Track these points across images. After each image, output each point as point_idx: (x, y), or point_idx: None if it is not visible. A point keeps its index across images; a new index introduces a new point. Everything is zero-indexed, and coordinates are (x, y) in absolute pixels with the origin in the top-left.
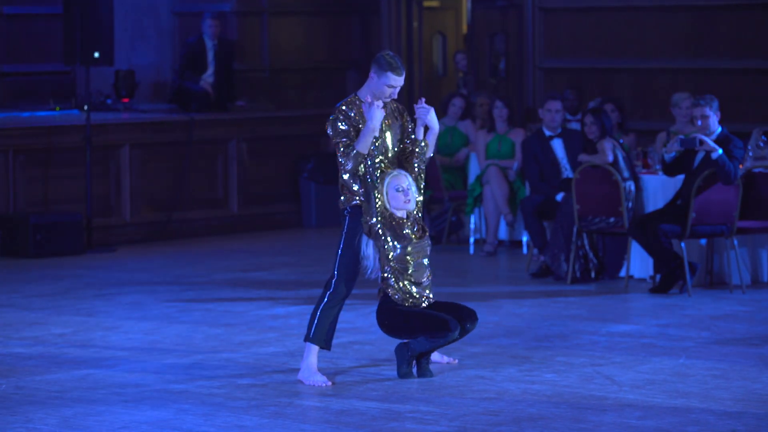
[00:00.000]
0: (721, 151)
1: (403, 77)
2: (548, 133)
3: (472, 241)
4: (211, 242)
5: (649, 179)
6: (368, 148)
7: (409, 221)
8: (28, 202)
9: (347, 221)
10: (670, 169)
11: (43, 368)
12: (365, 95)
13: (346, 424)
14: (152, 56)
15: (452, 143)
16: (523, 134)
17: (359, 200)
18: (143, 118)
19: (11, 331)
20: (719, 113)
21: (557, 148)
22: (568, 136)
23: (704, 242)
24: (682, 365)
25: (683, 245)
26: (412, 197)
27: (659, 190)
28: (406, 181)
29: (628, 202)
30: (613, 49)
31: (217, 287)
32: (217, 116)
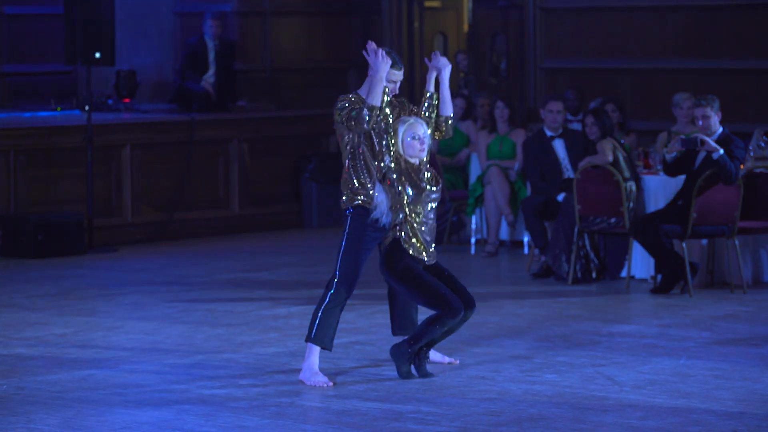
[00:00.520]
0: (722, 151)
1: (402, 71)
2: (549, 133)
3: (473, 241)
4: (212, 242)
5: (650, 179)
6: (380, 99)
7: (422, 168)
8: (29, 202)
9: (349, 221)
10: (671, 169)
11: (44, 368)
12: (365, 93)
13: (347, 424)
14: (153, 56)
15: (453, 143)
16: (524, 135)
17: (361, 200)
18: (144, 118)
19: (13, 331)
20: (720, 113)
21: (558, 148)
22: (569, 136)
23: (705, 242)
24: (683, 365)
25: (684, 245)
26: (426, 146)
27: (660, 190)
28: (421, 129)
29: (629, 202)
30: (614, 49)
31: (218, 287)
32: (218, 116)
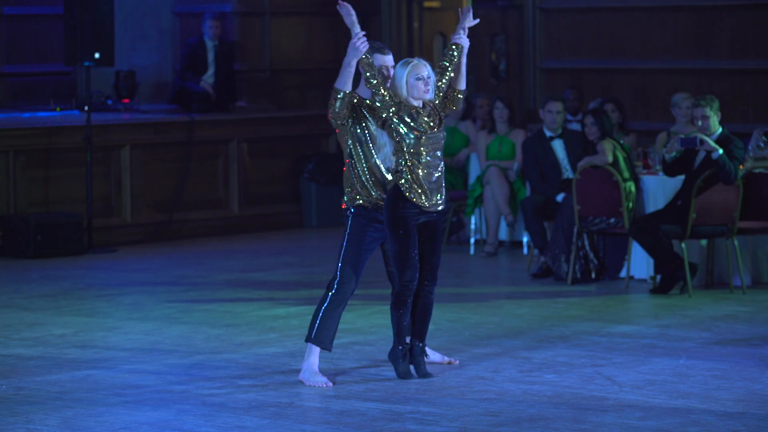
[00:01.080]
0: (721, 151)
1: (390, 56)
2: (549, 133)
3: (472, 241)
4: (211, 243)
5: (649, 180)
6: (347, 84)
7: (425, 110)
8: (28, 202)
9: (350, 221)
10: (670, 169)
11: (43, 369)
12: (363, 92)
13: (346, 424)
14: (153, 57)
15: (453, 144)
16: (523, 135)
17: (362, 200)
18: (144, 118)
19: (12, 331)
20: (720, 114)
21: (558, 148)
22: (568, 136)
23: (705, 243)
24: (682, 366)
25: (684, 246)
26: (431, 86)
27: (659, 190)
28: (425, 70)
29: (628, 202)
30: (613, 49)
31: (217, 288)
32: (217, 117)
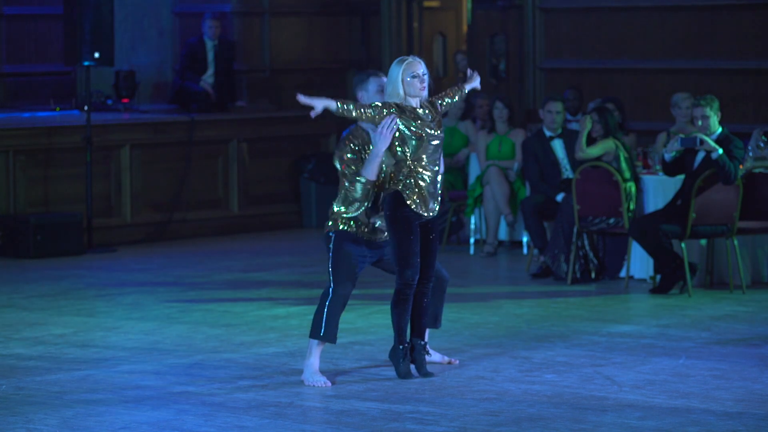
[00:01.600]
0: (721, 151)
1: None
2: (548, 133)
3: (472, 241)
4: (211, 243)
5: (649, 179)
6: (375, 173)
7: (423, 110)
8: (28, 202)
9: (333, 241)
10: (670, 169)
11: (43, 369)
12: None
13: (346, 424)
14: (153, 57)
15: (452, 144)
16: (523, 135)
17: (346, 227)
18: (144, 118)
19: (11, 331)
20: (719, 113)
21: (558, 148)
22: (568, 136)
23: (704, 242)
24: (682, 365)
25: (683, 245)
26: (426, 84)
27: (659, 190)
28: (421, 68)
29: (628, 203)
30: (613, 49)
31: (217, 288)
32: (217, 116)
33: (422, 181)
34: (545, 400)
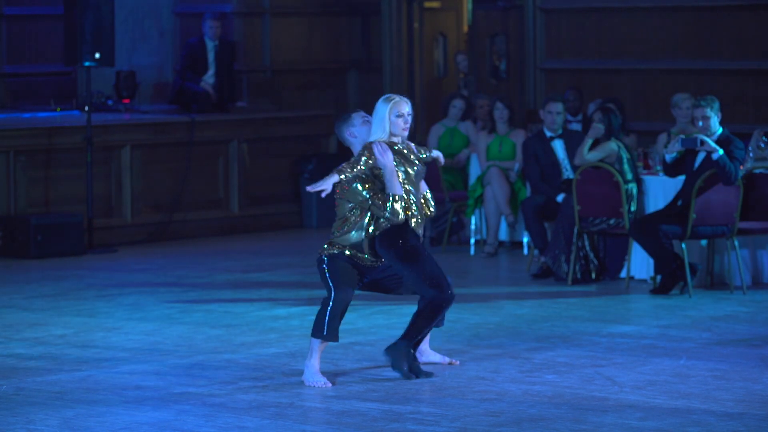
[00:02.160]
0: (721, 151)
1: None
2: (549, 134)
3: (472, 242)
4: (211, 243)
5: (649, 180)
6: (399, 186)
7: (406, 145)
8: (29, 203)
9: (326, 264)
10: (670, 169)
11: (44, 369)
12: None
13: (346, 425)
14: (153, 57)
15: (453, 144)
16: (523, 135)
17: (341, 252)
18: (144, 118)
19: (12, 332)
20: (720, 114)
21: (558, 149)
22: (569, 136)
23: (705, 243)
24: (682, 366)
25: (684, 246)
26: (409, 125)
27: (660, 190)
28: (406, 108)
29: (629, 204)
30: (613, 49)
31: (217, 288)
32: (218, 117)
33: (415, 205)
34: (546, 400)
